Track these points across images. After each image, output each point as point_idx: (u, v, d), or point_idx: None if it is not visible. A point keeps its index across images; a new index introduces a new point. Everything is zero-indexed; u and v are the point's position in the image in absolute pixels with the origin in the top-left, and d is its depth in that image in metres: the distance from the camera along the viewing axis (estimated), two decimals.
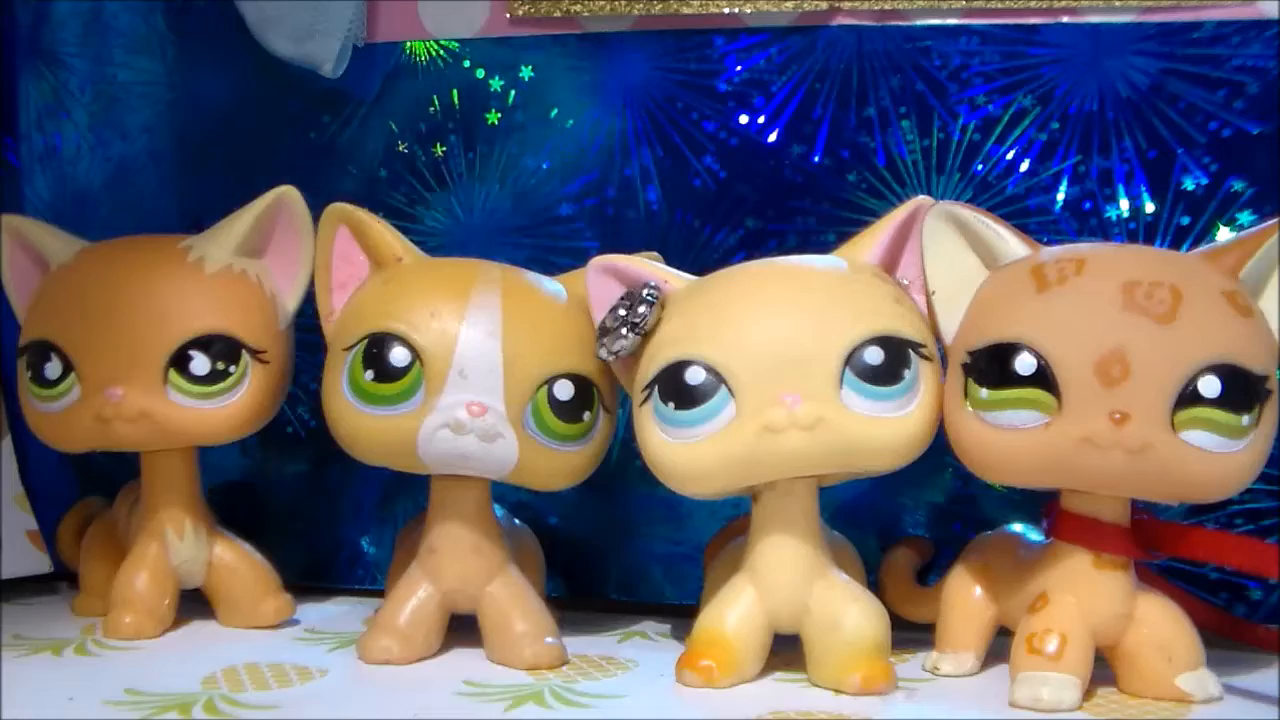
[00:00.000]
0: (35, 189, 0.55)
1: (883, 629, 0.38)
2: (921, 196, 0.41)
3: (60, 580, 0.52)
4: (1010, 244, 0.38)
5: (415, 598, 0.41)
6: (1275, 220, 0.37)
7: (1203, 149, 0.45)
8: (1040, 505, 0.40)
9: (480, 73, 0.51)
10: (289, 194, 0.44)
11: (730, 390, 0.37)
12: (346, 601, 0.50)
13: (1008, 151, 0.47)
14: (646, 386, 0.38)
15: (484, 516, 0.41)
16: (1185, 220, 0.45)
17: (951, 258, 0.39)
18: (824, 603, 0.38)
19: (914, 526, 0.48)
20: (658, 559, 0.49)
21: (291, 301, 0.45)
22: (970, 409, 0.37)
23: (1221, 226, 0.45)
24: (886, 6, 0.47)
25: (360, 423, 0.40)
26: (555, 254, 0.49)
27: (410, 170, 0.51)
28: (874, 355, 0.37)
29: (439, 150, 0.51)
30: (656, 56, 0.49)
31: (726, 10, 0.48)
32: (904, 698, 0.37)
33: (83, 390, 0.42)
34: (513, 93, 0.50)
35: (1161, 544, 0.38)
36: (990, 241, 0.38)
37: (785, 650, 0.39)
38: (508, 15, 0.50)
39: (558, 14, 0.49)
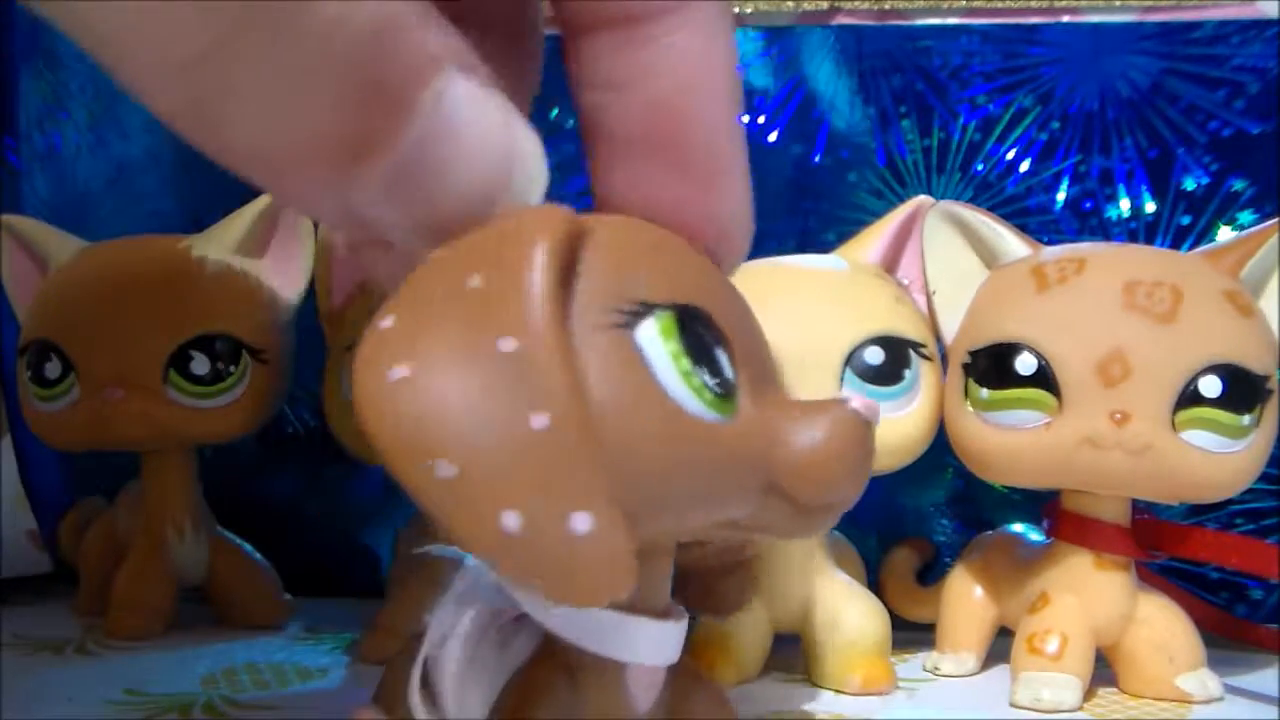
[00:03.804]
0: (35, 189, 0.55)
1: (883, 629, 0.38)
2: (922, 196, 0.41)
3: (60, 580, 0.52)
4: (1011, 244, 0.38)
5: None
6: (1276, 220, 0.37)
7: (1203, 149, 0.45)
8: (1040, 505, 0.40)
9: None
10: None
11: None
12: (346, 602, 0.50)
13: (1008, 151, 0.47)
14: None
15: None
16: (1186, 220, 0.45)
17: (952, 258, 0.39)
18: (824, 603, 0.38)
19: (914, 526, 0.48)
20: None
21: (291, 301, 0.45)
22: (971, 409, 0.37)
23: (1222, 226, 0.45)
24: (886, 6, 0.47)
25: None
26: None
27: None
28: (874, 355, 0.37)
29: None
30: None
31: None
32: (904, 698, 0.37)
33: (83, 390, 0.42)
34: None
35: (1162, 544, 0.38)
36: (991, 241, 0.38)
37: (785, 650, 0.39)
38: None
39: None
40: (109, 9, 0.16)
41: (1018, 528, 0.43)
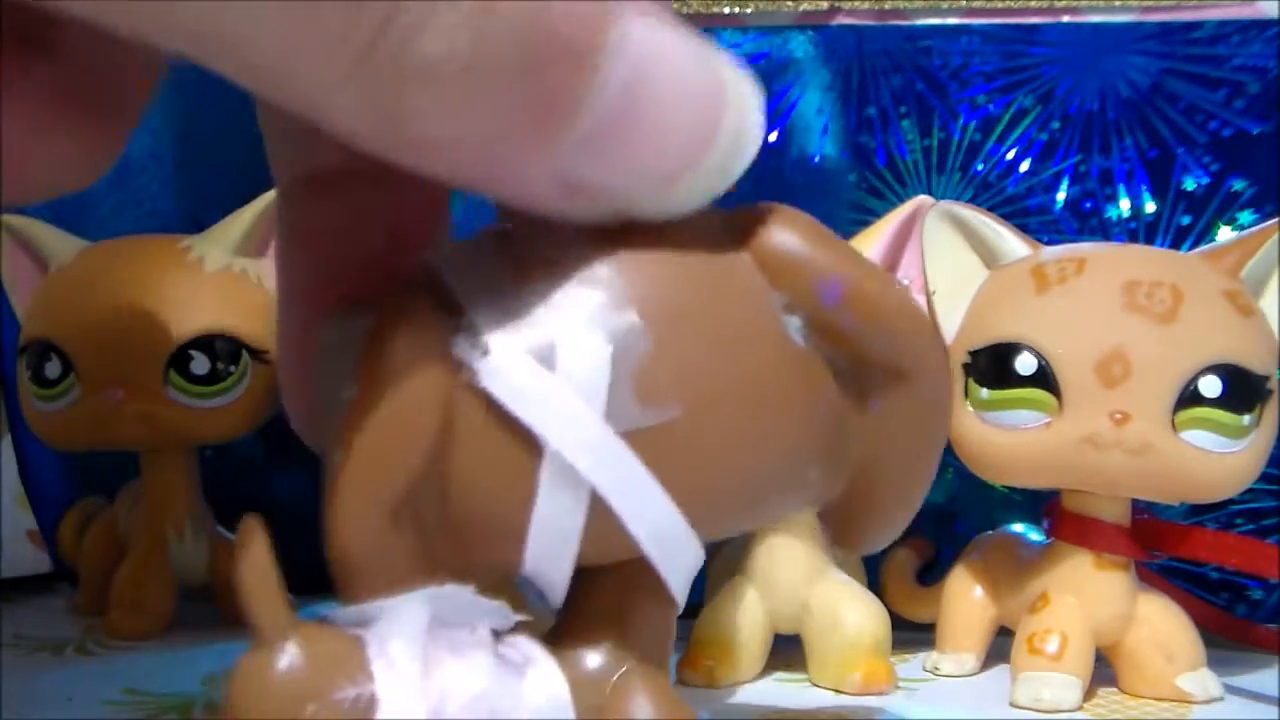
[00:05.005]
0: None
1: (883, 629, 0.38)
2: (922, 196, 0.41)
3: (60, 580, 0.52)
4: (1010, 244, 0.38)
5: None
6: (1276, 220, 0.37)
7: (1203, 149, 0.45)
8: (1040, 505, 0.40)
9: None
10: None
11: None
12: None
13: (1008, 151, 0.47)
14: None
15: None
16: (1186, 220, 0.45)
17: (952, 258, 0.39)
18: (824, 603, 0.38)
19: (914, 527, 0.48)
20: None
21: None
22: (971, 409, 0.37)
23: (1222, 226, 0.45)
24: (887, 6, 0.47)
25: None
26: None
27: None
28: None
29: None
30: None
31: (726, 10, 0.48)
32: (904, 698, 0.37)
33: (83, 390, 0.42)
34: None
35: (1162, 544, 0.38)
36: (990, 241, 0.38)
37: (785, 650, 0.39)
38: None
39: None
40: (255, 27, 0.15)
41: (1018, 528, 0.43)
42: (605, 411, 0.18)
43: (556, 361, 0.18)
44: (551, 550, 0.19)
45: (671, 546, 0.19)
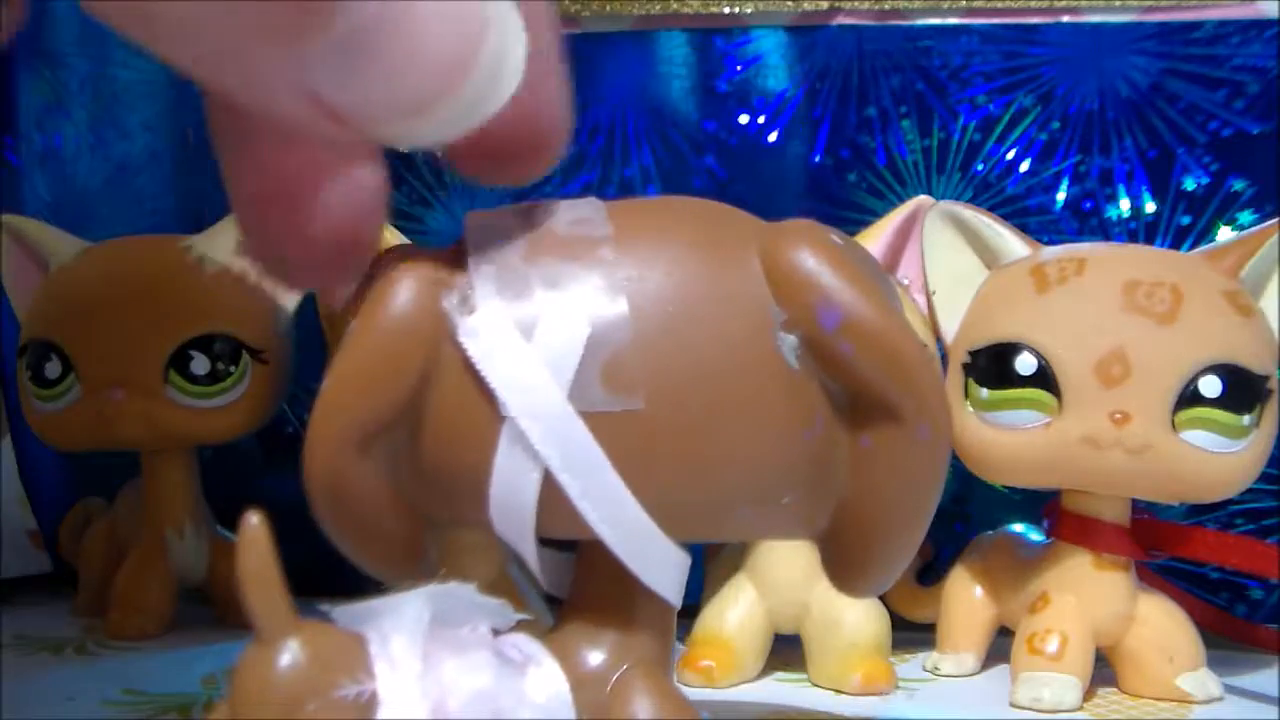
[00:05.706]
0: (35, 189, 0.55)
1: (883, 629, 0.38)
2: (921, 196, 0.41)
3: (60, 580, 0.52)
4: (1010, 244, 0.38)
5: None
6: (1275, 220, 0.37)
7: (1203, 149, 0.45)
8: (1040, 505, 0.40)
9: None
10: None
11: None
12: (345, 602, 0.50)
13: (1008, 151, 0.47)
14: None
15: None
16: (1186, 220, 0.45)
17: (951, 258, 0.39)
18: (824, 603, 0.38)
19: None
20: None
21: (291, 301, 0.45)
22: (971, 409, 0.37)
23: (1222, 226, 0.45)
24: (886, 6, 0.47)
25: None
26: None
27: (411, 170, 0.51)
28: None
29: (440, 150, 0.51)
30: (656, 57, 0.49)
31: (726, 10, 0.48)
32: (904, 698, 0.37)
33: (83, 390, 0.42)
34: None
35: (1162, 544, 0.38)
36: (990, 241, 0.38)
37: (785, 650, 0.39)
38: None
39: (557, 14, 0.49)
40: None
41: (1018, 528, 0.43)
42: (569, 389, 0.18)
43: (535, 334, 0.18)
44: (512, 514, 0.19)
45: (626, 530, 0.19)
